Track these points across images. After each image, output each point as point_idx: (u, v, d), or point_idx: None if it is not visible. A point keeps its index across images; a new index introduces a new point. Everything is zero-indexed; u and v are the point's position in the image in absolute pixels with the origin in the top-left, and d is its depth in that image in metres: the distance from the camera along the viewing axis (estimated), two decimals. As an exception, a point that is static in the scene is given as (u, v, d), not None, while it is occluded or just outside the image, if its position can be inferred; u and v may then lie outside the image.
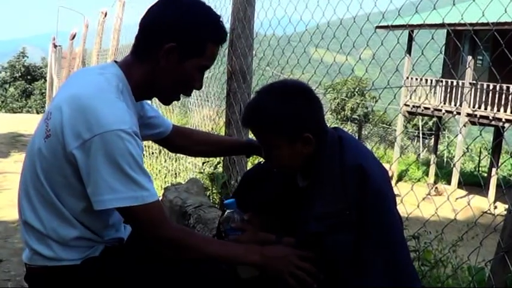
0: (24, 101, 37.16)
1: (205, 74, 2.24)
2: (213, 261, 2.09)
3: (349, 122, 35.71)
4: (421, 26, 13.34)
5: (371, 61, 3.35)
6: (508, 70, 2.91)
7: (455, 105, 21.37)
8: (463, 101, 20.58)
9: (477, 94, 20.54)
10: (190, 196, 4.30)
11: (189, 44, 2.04)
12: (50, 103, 2.12)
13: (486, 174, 24.34)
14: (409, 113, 23.72)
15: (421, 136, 32.39)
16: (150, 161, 7.75)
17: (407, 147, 30.89)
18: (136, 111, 2.17)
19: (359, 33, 3.52)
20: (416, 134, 33.95)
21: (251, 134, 2.30)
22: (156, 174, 7.47)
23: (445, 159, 28.62)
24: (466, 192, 18.83)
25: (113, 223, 2.16)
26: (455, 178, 20.91)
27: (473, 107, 20.61)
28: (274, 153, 2.15)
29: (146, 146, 7.66)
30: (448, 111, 21.42)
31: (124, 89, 2.04)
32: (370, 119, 37.43)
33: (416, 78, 22.11)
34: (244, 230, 2.23)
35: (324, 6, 3.67)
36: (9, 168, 8.37)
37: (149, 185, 1.93)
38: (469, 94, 20.47)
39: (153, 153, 7.80)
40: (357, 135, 25.40)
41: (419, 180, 22.61)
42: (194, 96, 6.98)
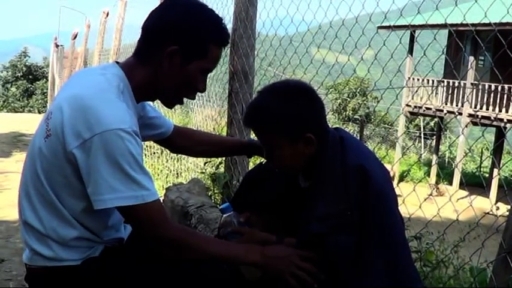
0: (26, 101, 37.21)
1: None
2: (213, 261, 2.09)
3: (351, 122, 35.71)
4: (422, 26, 13.33)
5: (373, 61, 3.35)
6: (510, 70, 2.91)
7: (457, 105, 21.35)
8: (465, 102, 20.57)
9: (479, 94, 20.52)
10: (192, 196, 4.30)
11: (192, 46, 2.04)
12: (51, 103, 2.12)
13: (488, 175, 24.32)
14: (411, 113, 23.73)
15: (422, 136, 32.40)
16: (152, 161, 7.75)
17: (409, 148, 30.86)
18: (137, 111, 2.17)
19: (361, 33, 3.52)
20: (418, 134, 33.96)
21: (253, 134, 2.29)
22: (158, 174, 7.47)
23: (447, 160, 28.61)
24: (467, 192, 18.81)
25: (112, 223, 2.16)
26: (457, 179, 20.91)
27: (475, 107, 20.60)
28: (276, 153, 2.15)
29: (148, 146, 7.67)
30: (449, 112, 21.42)
31: (125, 89, 2.04)
32: (372, 120, 37.41)
33: (418, 79, 22.11)
34: (242, 233, 2.23)
35: (325, 6, 3.67)
36: (10, 167, 8.37)
37: (149, 185, 1.93)
38: (471, 94, 20.46)
39: (154, 153, 7.81)
40: (358, 136, 25.37)
41: (420, 181, 22.59)
42: (196, 96, 6.97)
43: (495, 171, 22.36)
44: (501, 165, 21.21)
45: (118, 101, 1.94)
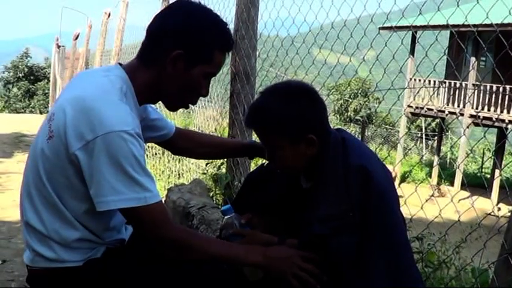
0: (27, 101, 37.18)
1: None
2: (215, 262, 2.09)
3: (352, 123, 35.68)
4: (424, 27, 13.33)
5: (375, 62, 3.34)
6: (512, 71, 2.91)
7: (459, 106, 21.33)
8: (467, 103, 20.55)
9: (480, 95, 20.50)
10: (193, 197, 4.30)
11: (196, 51, 2.04)
12: (53, 104, 2.12)
13: (489, 176, 24.30)
14: (413, 114, 23.70)
15: (423, 137, 32.37)
16: (154, 162, 7.75)
17: (410, 149, 30.85)
18: (139, 113, 2.17)
19: (362, 34, 3.52)
20: (420, 135, 33.93)
21: (255, 134, 2.29)
22: (160, 175, 7.47)
23: (448, 161, 28.59)
24: (469, 193, 18.80)
25: (114, 225, 2.17)
26: (458, 179, 20.88)
27: (477, 108, 20.58)
28: (278, 154, 2.15)
29: (149, 146, 7.66)
30: (451, 113, 21.40)
31: (128, 91, 2.04)
32: (373, 120, 37.38)
33: (420, 80, 22.09)
34: (244, 235, 2.24)
35: (327, 7, 3.67)
36: (12, 168, 8.38)
37: (152, 186, 1.93)
38: (473, 95, 20.44)
39: (156, 154, 7.81)
40: (359, 137, 25.36)
41: (422, 182, 22.57)
42: (198, 100, 6.97)
43: (497, 172, 22.36)
44: (503, 166, 21.18)
45: (121, 103, 1.95)
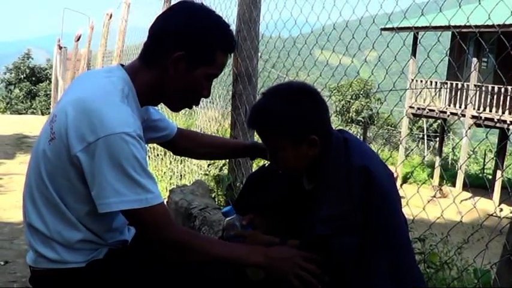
0: (29, 103, 37.14)
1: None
2: (217, 263, 2.09)
3: (354, 124, 35.66)
4: (426, 28, 13.32)
5: (377, 63, 3.35)
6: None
7: (460, 107, 21.32)
8: (468, 104, 20.53)
9: (482, 96, 20.49)
10: (195, 198, 4.30)
11: (198, 52, 2.04)
12: (55, 106, 2.12)
13: (491, 177, 24.28)
14: (414, 115, 23.70)
15: (425, 138, 32.34)
16: (155, 163, 7.75)
17: (412, 150, 30.82)
18: (141, 115, 2.17)
19: (364, 35, 3.52)
20: (421, 136, 33.90)
21: (256, 135, 2.30)
22: (161, 176, 7.47)
23: (450, 161, 28.57)
24: (470, 194, 18.78)
25: (117, 226, 2.17)
26: (460, 180, 20.87)
27: (478, 109, 20.57)
28: (280, 155, 2.15)
29: (151, 148, 7.66)
30: (453, 113, 21.39)
31: (129, 93, 2.04)
32: (375, 121, 37.36)
33: (421, 81, 22.08)
34: (245, 236, 2.24)
35: (328, 8, 3.67)
36: (14, 169, 8.39)
37: (154, 188, 1.93)
38: (474, 96, 20.42)
39: (158, 155, 7.80)
40: (361, 138, 25.34)
41: (424, 183, 22.55)
42: (200, 102, 6.97)
43: (498, 172, 22.34)
44: (504, 166, 21.17)
45: (122, 104, 1.95)
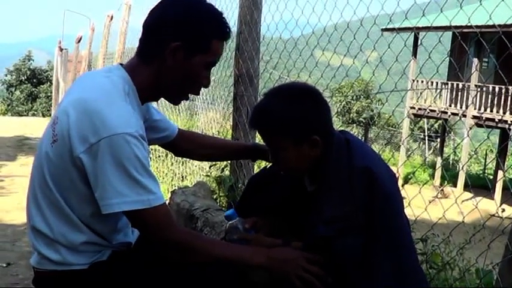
0: (30, 104, 37.12)
1: (211, 77, 2.24)
2: (220, 264, 2.09)
3: (355, 124, 35.65)
4: (427, 28, 13.32)
5: (378, 64, 3.35)
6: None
7: (461, 107, 21.31)
8: (470, 104, 20.51)
9: (483, 96, 20.48)
10: (197, 199, 4.30)
11: (194, 41, 2.04)
12: (56, 107, 2.13)
13: (492, 177, 24.25)
14: (415, 115, 23.67)
15: (426, 138, 32.31)
16: (157, 165, 7.75)
17: (413, 151, 30.80)
18: (142, 113, 2.18)
19: (365, 35, 3.52)
20: (422, 136, 33.87)
21: (258, 137, 2.30)
22: (163, 178, 7.47)
23: (451, 162, 28.54)
24: (471, 194, 18.75)
25: (120, 227, 2.17)
26: (461, 181, 20.84)
27: (479, 109, 20.55)
28: (281, 155, 2.15)
29: (153, 149, 7.67)
30: (454, 114, 21.37)
31: (130, 91, 2.05)
32: (376, 122, 37.33)
33: (422, 81, 22.06)
34: (248, 239, 2.24)
35: (329, 9, 3.68)
36: (16, 171, 8.40)
37: (156, 189, 1.93)
38: (474, 96, 20.41)
39: (159, 157, 7.81)
40: (362, 138, 25.31)
41: (426, 183, 22.53)
42: (200, 100, 6.99)
43: (499, 172, 22.32)
44: (505, 166, 21.14)
45: (124, 104, 1.95)
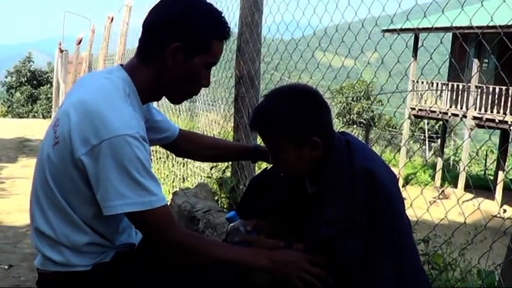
0: (30, 106, 37.12)
1: (211, 78, 2.24)
2: (221, 266, 2.09)
3: (355, 125, 35.66)
4: (427, 29, 13.31)
5: (380, 65, 3.35)
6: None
7: (462, 108, 21.30)
8: (471, 106, 20.50)
9: (483, 97, 20.47)
10: (199, 201, 4.29)
11: (194, 42, 2.04)
12: (58, 109, 2.13)
13: (492, 178, 24.23)
14: (416, 116, 23.67)
15: (427, 139, 32.32)
16: (158, 166, 7.74)
17: (415, 153, 30.81)
18: (143, 114, 2.18)
19: (365, 37, 3.52)
20: (422, 137, 33.88)
21: (259, 138, 2.30)
22: (164, 179, 7.46)
23: (451, 163, 28.54)
24: (471, 195, 18.76)
25: (123, 229, 2.17)
26: (462, 181, 20.83)
27: (480, 110, 20.55)
28: (282, 157, 2.15)
29: (153, 150, 7.66)
30: (454, 115, 21.37)
31: (131, 92, 2.05)
32: (376, 123, 37.34)
33: (423, 82, 22.07)
34: (250, 241, 2.24)
35: (330, 10, 3.68)
36: (17, 173, 8.39)
37: (157, 190, 1.94)
38: (475, 97, 20.41)
39: (160, 158, 7.80)
40: (363, 139, 25.31)
41: (426, 185, 22.51)
42: (200, 101, 6.98)
43: (500, 173, 22.32)
44: (506, 167, 21.15)
45: (125, 105, 1.95)
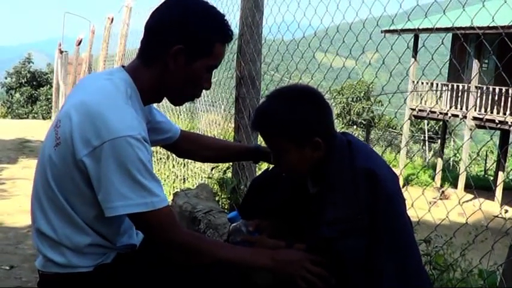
0: (30, 107, 37.07)
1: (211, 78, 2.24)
2: (223, 266, 2.09)
3: (355, 126, 35.67)
4: (427, 30, 13.32)
5: (381, 65, 3.35)
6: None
7: (461, 109, 21.30)
8: (471, 107, 20.51)
9: (483, 98, 20.47)
10: (200, 201, 4.28)
11: (196, 45, 2.03)
12: (59, 110, 2.13)
13: (492, 178, 24.24)
14: (416, 117, 23.67)
15: (426, 140, 32.32)
16: (158, 167, 7.73)
17: (415, 154, 30.80)
18: (145, 115, 2.18)
19: (366, 37, 3.52)
20: (422, 137, 33.88)
21: (260, 139, 2.30)
22: (165, 180, 7.45)
23: (451, 163, 28.53)
24: (471, 195, 18.76)
25: (125, 230, 2.17)
26: (462, 182, 20.84)
27: (480, 110, 20.55)
28: (283, 157, 2.15)
29: (154, 151, 7.65)
30: (454, 115, 21.37)
31: (132, 94, 2.04)
32: (376, 123, 37.34)
33: (423, 82, 22.07)
34: (252, 241, 2.24)
35: (331, 10, 3.68)
36: (18, 174, 8.38)
37: (159, 191, 1.94)
38: (475, 98, 20.41)
39: (161, 159, 7.79)
40: (363, 140, 25.28)
41: (426, 185, 22.51)
42: (201, 102, 6.98)
43: (500, 173, 22.33)
44: (506, 167, 21.16)
45: (126, 106, 1.95)
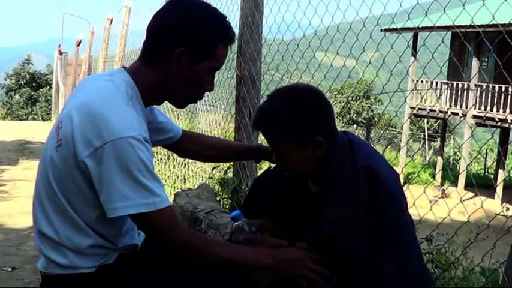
0: (30, 108, 37.05)
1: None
2: (225, 265, 2.09)
3: (355, 125, 35.67)
4: (427, 28, 13.32)
5: (381, 65, 3.35)
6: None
7: (461, 107, 21.30)
8: (470, 106, 20.50)
9: (483, 96, 20.47)
10: (201, 201, 4.28)
11: (199, 47, 2.04)
12: (61, 112, 2.13)
13: (492, 176, 24.24)
14: (416, 115, 23.66)
15: (426, 138, 32.31)
16: (159, 167, 7.72)
17: (415, 153, 30.79)
18: (146, 116, 2.18)
19: (366, 36, 3.52)
20: (422, 136, 33.88)
21: (261, 138, 2.31)
22: (165, 180, 7.43)
23: (451, 161, 28.53)
24: (472, 193, 18.77)
25: (126, 230, 2.17)
26: (462, 180, 20.84)
27: (479, 108, 20.55)
28: (285, 157, 2.16)
29: (154, 151, 7.65)
30: (454, 113, 21.37)
31: (133, 95, 2.04)
32: (375, 122, 37.34)
33: (422, 81, 22.06)
34: (255, 241, 2.25)
35: (331, 10, 3.68)
36: (18, 175, 8.36)
37: (161, 191, 1.94)
38: (475, 96, 20.41)
39: (161, 159, 7.79)
40: (364, 139, 25.28)
41: (426, 184, 22.50)
42: (201, 102, 6.97)
43: (500, 171, 22.33)
44: (506, 166, 21.16)
45: (127, 107, 1.95)
